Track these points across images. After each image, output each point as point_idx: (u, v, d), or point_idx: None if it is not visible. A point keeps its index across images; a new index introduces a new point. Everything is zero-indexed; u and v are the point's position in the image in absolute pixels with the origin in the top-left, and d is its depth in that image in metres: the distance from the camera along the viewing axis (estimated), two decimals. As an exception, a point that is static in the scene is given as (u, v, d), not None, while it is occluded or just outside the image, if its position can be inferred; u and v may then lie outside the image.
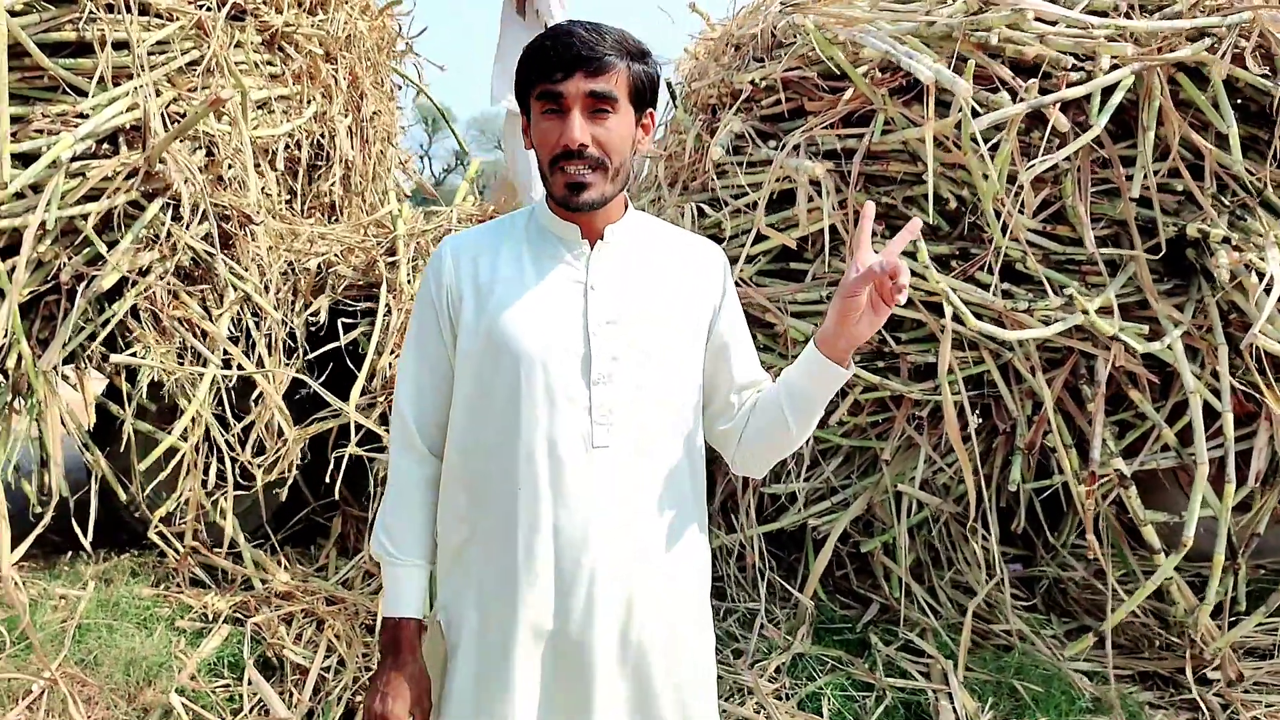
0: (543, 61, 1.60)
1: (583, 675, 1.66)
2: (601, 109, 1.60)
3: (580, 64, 1.58)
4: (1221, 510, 3.37)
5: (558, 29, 1.62)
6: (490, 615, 1.68)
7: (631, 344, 1.67)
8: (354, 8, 4.88)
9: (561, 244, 1.72)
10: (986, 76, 3.37)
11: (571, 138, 1.59)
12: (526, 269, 1.70)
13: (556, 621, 1.65)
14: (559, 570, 1.64)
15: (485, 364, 1.67)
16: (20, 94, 3.47)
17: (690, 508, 1.76)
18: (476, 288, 1.70)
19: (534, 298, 1.68)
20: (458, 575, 1.74)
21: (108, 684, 3.23)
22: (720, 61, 4.30)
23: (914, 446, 3.84)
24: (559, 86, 1.59)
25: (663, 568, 1.70)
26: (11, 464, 3.61)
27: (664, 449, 1.71)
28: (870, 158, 3.71)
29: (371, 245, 4.22)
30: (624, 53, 1.62)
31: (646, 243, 1.77)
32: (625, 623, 1.67)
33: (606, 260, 1.71)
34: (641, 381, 1.67)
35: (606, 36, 1.61)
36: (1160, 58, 3.22)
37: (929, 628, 3.72)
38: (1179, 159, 3.46)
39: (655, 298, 1.72)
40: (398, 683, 1.69)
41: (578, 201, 1.62)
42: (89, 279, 3.54)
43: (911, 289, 3.46)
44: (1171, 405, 3.64)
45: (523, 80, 1.65)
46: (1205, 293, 3.49)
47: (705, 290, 1.78)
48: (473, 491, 1.70)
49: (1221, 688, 3.44)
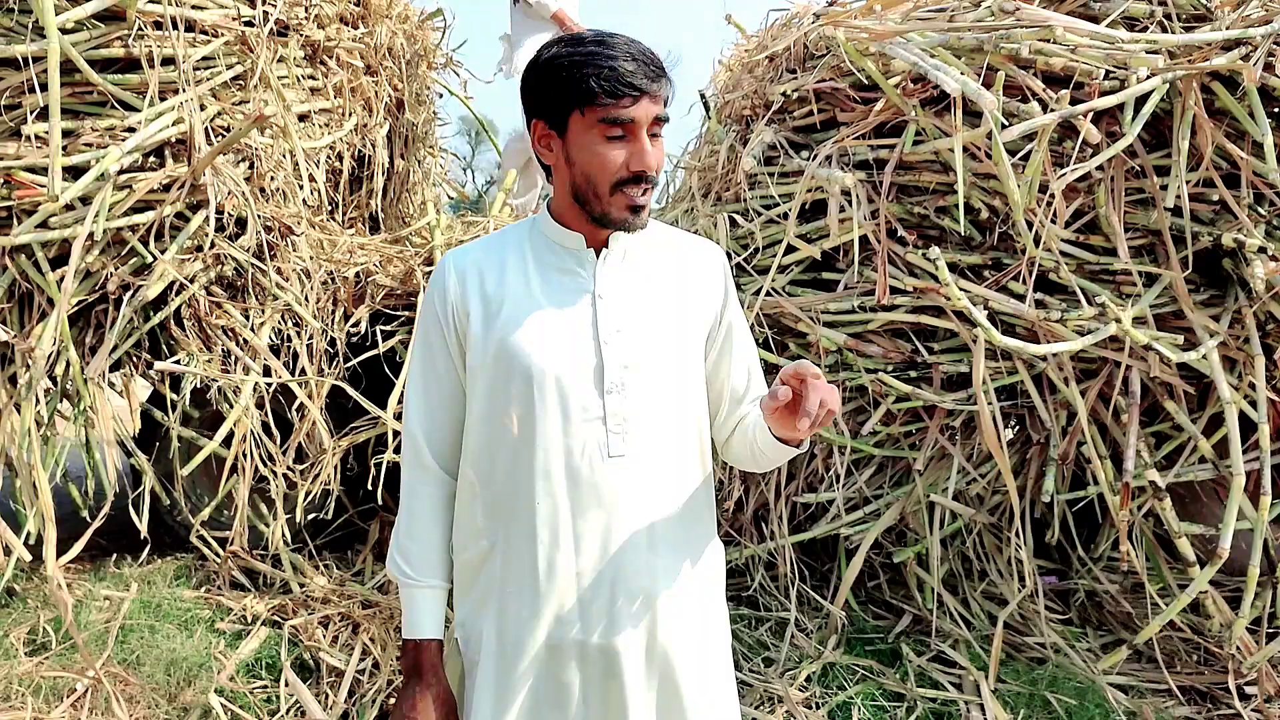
0: (607, 83, 1.54)
1: (612, 682, 1.66)
2: (657, 131, 1.61)
3: (647, 89, 1.56)
4: (1258, 522, 3.34)
5: (608, 46, 1.57)
6: (511, 629, 1.68)
7: (642, 351, 1.67)
8: (395, 20, 4.97)
9: (568, 255, 1.70)
10: (1017, 86, 3.37)
11: (648, 164, 1.58)
12: (533, 282, 1.69)
13: (581, 631, 1.66)
14: (580, 580, 1.65)
15: (497, 380, 1.66)
16: (70, 109, 3.58)
17: (704, 509, 1.78)
18: (484, 303, 1.68)
19: (543, 311, 1.66)
20: (476, 591, 1.74)
21: (149, 683, 3.30)
22: (754, 74, 4.33)
23: (947, 457, 3.83)
24: (629, 112, 1.55)
25: (683, 570, 1.71)
26: (61, 469, 3.71)
27: (679, 453, 1.72)
28: (902, 168, 3.72)
29: (409, 255, 4.29)
30: (662, 68, 1.61)
31: (649, 248, 1.76)
32: (651, 627, 1.68)
33: (613, 269, 1.70)
34: (654, 388, 1.67)
35: (653, 57, 1.59)
36: (1194, 67, 3.20)
37: (961, 639, 3.70)
38: (1213, 168, 3.43)
39: (662, 303, 1.72)
40: (424, 705, 1.68)
41: (637, 223, 1.63)
42: (135, 288, 3.63)
43: (943, 299, 3.49)
44: (1208, 417, 3.60)
45: (564, 94, 1.59)
46: (1242, 303, 3.46)
47: (709, 292, 1.78)
48: (490, 506, 1.70)
49: (1259, 703, 3.40)
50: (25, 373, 3.53)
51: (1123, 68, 3.25)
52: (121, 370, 3.92)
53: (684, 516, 1.72)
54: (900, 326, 3.75)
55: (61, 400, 3.73)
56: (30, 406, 3.49)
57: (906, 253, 3.66)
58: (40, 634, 3.50)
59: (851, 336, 3.75)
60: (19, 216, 3.49)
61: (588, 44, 1.58)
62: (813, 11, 4.07)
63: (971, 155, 3.54)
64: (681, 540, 1.72)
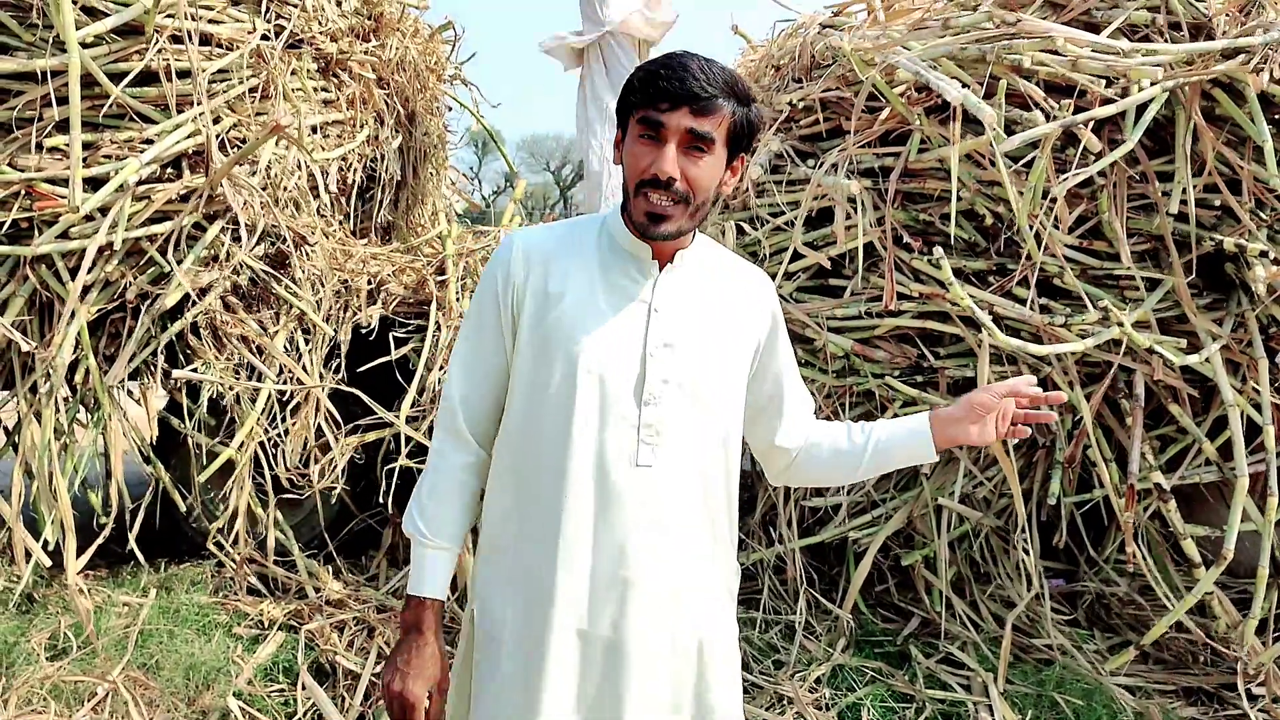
0: (652, 88, 1.62)
1: (615, 675, 1.71)
2: (698, 147, 1.63)
3: (688, 100, 1.60)
4: (1264, 524, 3.37)
5: (673, 58, 1.65)
6: (524, 613, 1.74)
7: (683, 368, 1.71)
8: (405, 33, 5.03)
9: (633, 263, 1.75)
10: (1020, 94, 3.42)
11: (662, 169, 1.62)
12: (596, 283, 1.73)
13: (590, 624, 1.71)
14: (594, 577, 1.70)
15: (541, 369, 1.71)
16: (90, 121, 3.64)
17: (724, 528, 1.82)
18: (545, 293, 1.72)
19: (599, 313, 1.71)
20: (497, 571, 1.80)
21: (168, 688, 3.35)
22: (760, 83, 4.39)
23: (953, 461, 3.87)
24: (661, 116, 1.61)
25: (695, 580, 1.77)
26: (80, 477, 3.77)
27: (704, 470, 1.76)
28: (907, 175, 3.77)
29: (421, 264, 4.35)
30: (731, 95, 1.64)
31: (709, 270, 1.81)
32: (659, 628, 1.73)
33: (673, 284, 1.75)
34: (688, 405, 1.71)
35: (718, 77, 1.63)
36: (1195, 74, 3.25)
37: (969, 641, 3.74)
38: (1215, 174, 3.47)
39: (710, 325, 1.76)
40: (417, 662, 1.73)
41: (655, 231, 1.66)
42: (153, 297, 3.69)
43: (949, 304, 3.53)
44: (1212, 419, 3.64)
45: (627, 99, 1.68)
46: (1244, 307, 3.50)
47: (755, 321, 1.83)
48: (520, 493, 1.75)
49: (1267, 703, 3.43)
50: (45, 381, 3.59)
51: (1123, 77, 3.29)
52: (139, 379, 3.97)
53: (701, 531, 1.77)
54: (906, 331, 3.80)
55: (79, 409, 3.79)
56: (50, 415, 3.55)
57: (912, 259, 3.71)
58: (61, 639, 3.55)
59: (858, 342, 3.80)
60: (39, 227, 3.56)
61: (658, 59, 1.67)
62: (818, 22, 4.12)
63: (976, 162, 3.59)
64: (696, 553, 1.76)
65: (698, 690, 1.78)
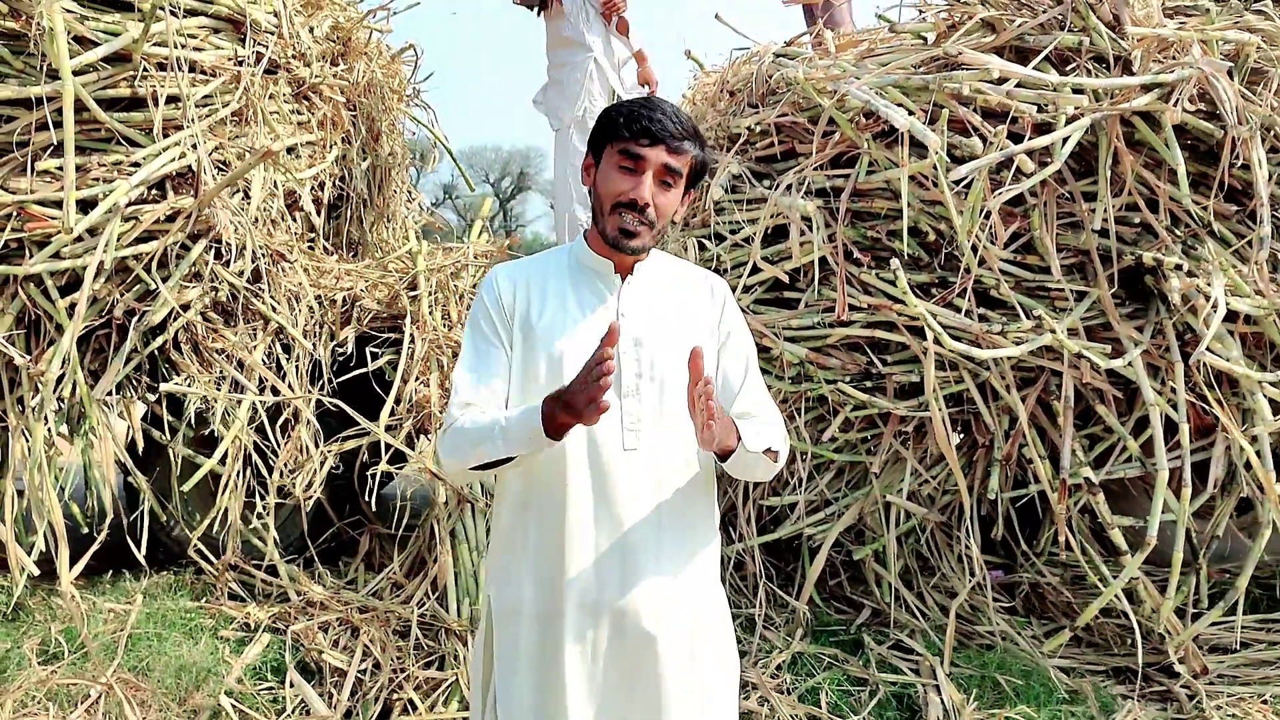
0: (636, 125, 1.92)
1: (622, 637, 1.98)
2: (667, 180, 1.96)
3: (666, 140, 1.92)
4: (1180, 513, 3.68)
5: (651, 102, 1.97)
6: (537, 589, 1.99)
7: (653, 363, 2.01)
8: (371, 56, 5.20)
9: (598, 278, 2.06)
10: (960, 120, 3.71)
11: (640, 195, 1.93)
12: (569, 299, 2.04)
13: (599, 592, 1.97)
14: (598, 549, 1.98)
15: (529, 371, 2.00)
16: (81, 146, 3.76)
17: (705, 495, 2.10)
18: (528, 308, 2.02)
19: (574, 324, 2.01)
20: (510, 555, 2.05)
21: (159, 688, 3.47)
22: (717, 107, 4.64)
23: (901, 460, 4.14)
24: (642, 150, 1.92)
25: (684, 544, 2.04)
26: (68, 490, 3.88)
27: (683, 448, 2.03)
28: (856, 195, 4.05)
29: (393, 280, 4.52)
30: (696, 140, 1.97)
31: (665, 277, 2.12)
32: (657, 586, 1.99)
33: (635, 292, 2.05)
34: (661, 393, 2.00)
35: (687, 124, 1.96)
36: (1116, 108, 3.56)
37: (917, 629, 4.00)
38: (1135, 194, 3.80)
39: (671, 323, 2.06)
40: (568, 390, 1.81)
41: (627, 245, 1.97)
42: (140, 314, 3.83)
43: (896, 314, 3.81)
44: (1135, 419, 3.95)
45: (604, 131, 1.98)
46: (1162, 315, 3.81)
47: (709, 315, 2.13)
48: (526, 481, 2.02)
49: (1188, 679, 3.72)
50: (34, 396, 3.70)
51: (1052, 106, 3.60)
52: (122, 392, 4.09)
53: (686, 500, 2.05)
54: (857, 340, 4.07)
55: (62, 424, 3.90)
56: (40, 428, 3.66)
57: (862, 273, 3.98)
58: (52, 645, 3.64)
59: (812, 350, 4.06)
60: (29, 248, 3.67)
61: (636, 101, 1.99)
62: (772, 51, 4.39)
63: (919, 183, 3.87)
64: (683, 520, 2.04)
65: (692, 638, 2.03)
